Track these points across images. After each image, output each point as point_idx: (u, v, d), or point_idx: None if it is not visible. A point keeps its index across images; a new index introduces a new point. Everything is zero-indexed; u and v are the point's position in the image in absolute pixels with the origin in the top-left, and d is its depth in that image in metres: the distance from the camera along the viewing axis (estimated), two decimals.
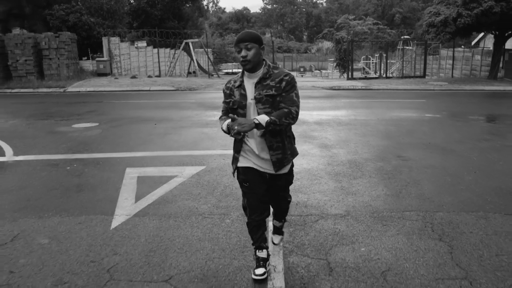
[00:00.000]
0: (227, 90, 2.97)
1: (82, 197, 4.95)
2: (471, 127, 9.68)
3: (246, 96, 2.88)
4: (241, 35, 2.81)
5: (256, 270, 3.04)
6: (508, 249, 3.49)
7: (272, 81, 2.83)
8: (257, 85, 2.85)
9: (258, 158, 2.94)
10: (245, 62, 2.78)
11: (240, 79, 2.93)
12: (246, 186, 3.01)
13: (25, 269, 3.25)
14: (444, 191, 5.05)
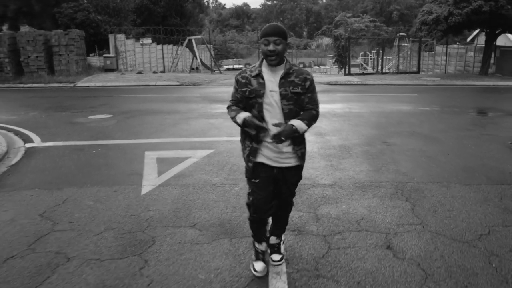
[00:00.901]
0: (243, 79, 2.91)
1: (112, 173, 5.88)
2: (456, 119, 10.58)
3: (265, 85, 2.85)
4: (270, 29, 2.78)
5: (256, 264, 3.17)
6: (459, 207, 4.44)
7: (296, 78, 2.86)
8: (282, 80, 2.85)
9: (276, 152, 2.92)
10: (273, 56, 2.78)
11: (259, 69, 2.90)
12: (256, 182, 3.00)
13: (80, 220, 4.19)
14: (418, 168, 5.99)
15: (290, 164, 2.96)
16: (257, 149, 2.94)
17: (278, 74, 2.86)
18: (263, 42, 2.78)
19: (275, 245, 3.29)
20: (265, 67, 2.90)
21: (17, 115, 11.38)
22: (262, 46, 2.80)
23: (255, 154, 2.95)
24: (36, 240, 3.73)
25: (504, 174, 5.71)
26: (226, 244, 3.59)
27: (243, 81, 2.92)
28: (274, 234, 3.29)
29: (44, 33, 20.79)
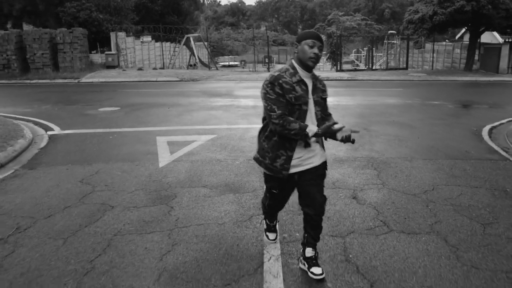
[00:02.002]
0: (287, 85, 2.81)
1: (131, 152, 6.95)
2: (434, 110, 11.69)
3: (308, 92, 2.86)
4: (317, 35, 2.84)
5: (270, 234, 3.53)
6: (415, 174, 5.56)
7: (320, 85, 2.98)
8: (314, 86, 2.91)
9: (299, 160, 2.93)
10: (315, 59, 2.80)
11: (298, 75, 2.86)
12: (275, 193, 3.10)
13: (114, 184, 5.27)
14: (389, 147, 7.11)
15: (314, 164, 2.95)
16: (291, 157, 2.89)
17: (310, 81, 2.89)
18: (307, 43, 2.77)
19: (313, 258, 3.05)
20: (301, 73, 2.88)
21: (32, 108, 12.36)
22: (305, 47, 2.78)
23: (289, 162, 2.89)
24: (83, 197, 4.81)
25: (460, 152, 6.85)
26: (232, 197, 4.71)
27: (287, 87, 2.80)
28: (310, 245, 3.07)
29: (49, 31, 21.78)
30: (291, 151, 2.88)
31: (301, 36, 2.84)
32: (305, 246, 3.09)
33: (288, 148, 2.88)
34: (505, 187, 5.03)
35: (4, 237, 3.74)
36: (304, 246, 3.10)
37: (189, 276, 3.04)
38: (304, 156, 2.91)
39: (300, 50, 2.81)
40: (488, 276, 3.00)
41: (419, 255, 3.31)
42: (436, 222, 3.96)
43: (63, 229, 3.90)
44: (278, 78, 2.80)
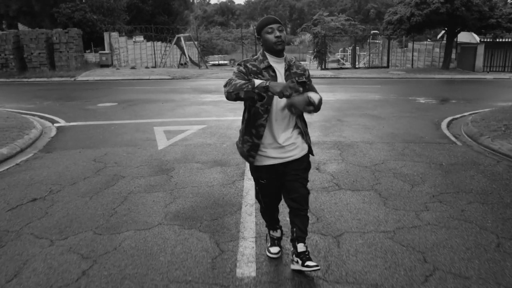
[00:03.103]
0: (253, 67, 2.84)
1: (133, 139, 8.04)
2: (406, 105, 12.87)
3: (276, 78, 2.84)
4: (270, 18, 2.82)
5: (271, 248, 3.34)
6: (372, 153, 6.72)
7: (297, 69, 2.94)
8: (286, 72, 2.88)
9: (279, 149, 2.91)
10: (280, 42, 2.77)
11: (266, 61, 2.86)
12: (263, 183, 3.06)
13: (122, 162, 6.37)
14: (356, 134, 8.28)
15: (294, 157, 2.94)
16: (258, 144, 2.89)
17: (282, 66, 2.88)
18: (266, 31, 2.77)
19: (305, 253, 3.03)
20: (271, 59, 2.88)
21: (34, 104, 13.34)
22: (266, 36, 2.78)
23: (256, 150, 2.90)
24: (97, 170, 5.91)
25: (416, 137, 8.03)
26: (219, 169, 5.84)
27: (253, 69, 2.83)
28: (300, 240, 3.05)
29: (46, 31, 22.71)
30: (257, 138, 2.87)
31: (258, 27, 2.84)
32: (296, 242, 3.05)
33: (254, 135, 2.88)
34: (441, 162, 6.22)
35: (42, 196, 4.84)
36: (295, 242, 3.06)
37: (187, 215, 4.17)
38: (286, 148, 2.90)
39: (263, 41, 2.82)
40: (402, 213, 4.17)
41: (356, 202, 4.48)
42: (376, 183, 5.13)
43: (87, 191, 5.00)
44: (245, 61, 2.89)
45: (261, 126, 2.86)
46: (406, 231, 3.75)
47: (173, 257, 3.31)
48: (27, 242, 3.63)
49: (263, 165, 2.96)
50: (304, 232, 3.05)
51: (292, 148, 2.93)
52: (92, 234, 3.77)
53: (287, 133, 2.92)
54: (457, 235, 3.67)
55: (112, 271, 3.11)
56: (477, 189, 4.95)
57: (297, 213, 3.02)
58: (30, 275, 3.09)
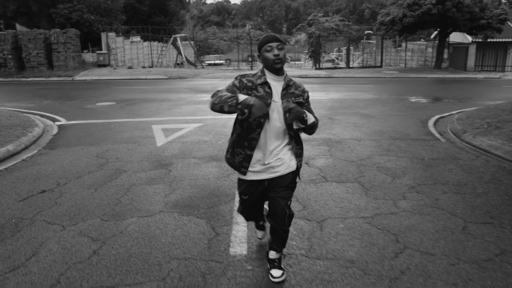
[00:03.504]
0: (249, 83, 2.86)
1: (132, 136, 8.42)
2: (396, 104, 13.29)
3: (271, 94, 2.83)
4: (270, 37, 2.82)
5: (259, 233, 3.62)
6: (359, 149, 7.12)
7: (296, 90, 2.93)
8: (284, 91, 2.87)
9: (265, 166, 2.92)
10: (278, 60, 2.78)
11: (264, 77, 2.86)
12: (245, 198, 3.08)
13: (123, 158, 6.74)
14: (345, 132, 8.68)
15: (279, 174, 2.93)
16: (251, 156, 2.91)
17: (280, 85, 2.87)
18: (265, 49, 2.79)
19: (275, 260, 3.11)
20: (269, 77, 2.88)
21: (34, 103, 13.67)
22: (265, 54, 2.80)
23: (248, 161, 2.92)
24: (100, 165, 6.29)
25: (402, 134, 8.45)
26: (214, 163, 6.24)
27: (249, 84, 2.85)
28: (274, 249, 3.11)
29: (44, 31, 23.04)
30: (250, 150, 2.89)
31: (259, 45, 2.84)
32: (269, 249, 3.15)
33: (247, 147, 2.90)
34: (424, 157, 6.64)
35: (51, 188, 5.22)
36: (268, 248, 3.17)
37: (185, 204, 4.56)
38: (272, 164, 2.90)
39: (263, 59, 2.83)
40: (381, 202, 4.57)
41: (340, 193, 4.88)
42: (360, 176, 5.54)
43: (92, 183, 5.39)
44: (243, 76, 2.91)
45: (254, 140, 2.88)
46: (383, 217, 4.16)
47: (174, 239, 3.71)
48: (41, 228, 4.01)
49: (248, 180, 2.96)
50: (278, 246, 3.09)
51: (278, 164, 2.91)
52: (100, 220, 4.16)
53: (277, 149, 2.90)
54: (428, 220, 4.08)
55: (119, 251, 3.50)
56: (453, 181, 5.37)
57: (275, 231, 3.04)
58: (46, 254, 3.48)
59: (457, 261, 3.27)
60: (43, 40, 22.65)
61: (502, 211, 4.31)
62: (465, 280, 3.01)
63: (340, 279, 3.03)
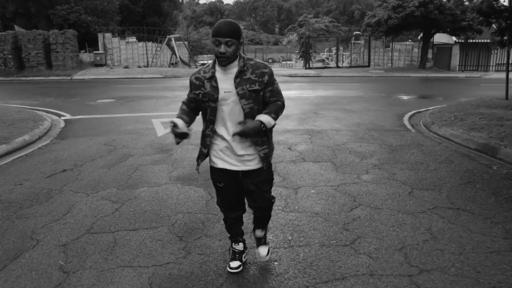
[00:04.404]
0: (197, 81, 2.82)
1: (134, 128, 9.33)
2: (379, 100, 14.28)
3: (217, 88, 2.75)
4: (221, 28, 2.59)
5: (231, 263, 3.19)
6: (336, 137, 8.10)
7: (252, 74, 2.75)
8: (237, 79, 2.73)
9: (235, 157, 2.87)
10: (223, 58, 2.64)
11: (212, 70, 2.78)
12: (221, 186, 3.01)
13: (128, 145, 7.64)
14: (326, 124, 9.65)
15: (250, 167, 2.88)
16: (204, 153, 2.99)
17: (232, 73, 2.75)
18: (213, 41, 2.63)
19: (261, 238, 3.24)
20: (219, 67, 2.78)
21: (37, 101, 14.49)
22: (213, 46, 2.66)
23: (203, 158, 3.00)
24: (110, 151, 7.20)
25: (378, 126, 9.43)
26: None
27: (197, 82, 2.82)
28: (258, 227, 3.21)
29: (43, 32, 23.86)
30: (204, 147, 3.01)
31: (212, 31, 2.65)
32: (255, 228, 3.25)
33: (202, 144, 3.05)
34: (392, 144, 7.62)
35: (70, 168, 6.13)
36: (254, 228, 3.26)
37: (186, 178, 5.50)
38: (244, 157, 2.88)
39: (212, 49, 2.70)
40: (347, 175, 5.54)
41: (315, 169, 5.85)
42: (334, 157, 6.52)
43: (105, 165, 6.31)
44: (193, 74, 2.89)
45: (208, 137, 2.96)
46: (347, 185, 5.13)
47: (178, 200, 4.65)
48: (69, 195, 4.94)
49: (218, 168, 2.94)
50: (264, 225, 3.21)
51: (250, 158, 2.88)
52: (116, 189, 5.09)
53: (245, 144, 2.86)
54: (382, 187, 5.06)
55: (136, 208, 4.44)
56: (411, 161, 6.36)
57: (260, 218, 3.15)
58: (78, 211, 4.41)
59: (397, 212, 4.25)
60: (42, 41, 23.47)
61: (444, 182, 5.30)
62: (400, 224, 3.98)
63: (306, 224, 4.00)
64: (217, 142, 2.95)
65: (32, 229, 3.98)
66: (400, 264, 3.23)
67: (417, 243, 3.56)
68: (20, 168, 6.24)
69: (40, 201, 4.75)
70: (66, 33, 23.96)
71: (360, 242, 3.59)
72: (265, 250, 3.24)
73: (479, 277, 3.03)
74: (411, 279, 3.02)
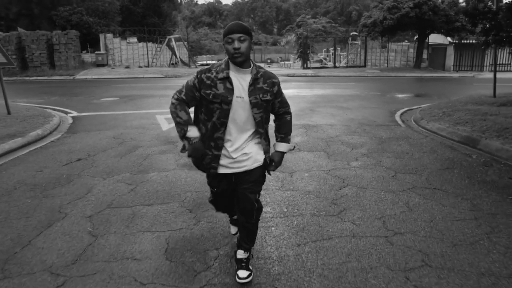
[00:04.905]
0: (208, 80, 2.73)
1: (140, 124, 9.86)
2: (373, 98, 14.83)
3: (233, 91, 2.71)
4: (233, 26, 2.64)
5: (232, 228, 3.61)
6: (330, 131, 8.66)
7: (264, 84, 2.78)
8: (251, 87, 2.74)
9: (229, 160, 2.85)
10: (238, 54, 2.63)
11: (226, 71, 2.72)
12: (214, 191, 3.07)
13: (136, 138, 8.20)
14: (322, 119, 10.21)
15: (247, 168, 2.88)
16: (218, 156, 2.85)
17: (246, 79, 2.74)
18: (226, 41, 2.64)
19: (243, 260, 3.06)
20: (233, 69, 2.74)
21: (43, 99, 15.00)
22: (226, 46, 2.66)
23: (217, 161, 2.86)
24: (119, 143, 7.75)
25: (371, 121, 9.99)
26: None
27: (207, 82, 2.74)
28: (242, 248, 3.09)
29: (46, 33, 24.42)
30: (217, 150, 2.83)
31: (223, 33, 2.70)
32: (237, 248, 3.14)
33: (213, 147, 2.84)
34: (382, 137, 8.18)
35: (85, 157, 6.68)
36: (236, 247, 3.16)
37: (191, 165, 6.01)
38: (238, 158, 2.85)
39: (225, 50, 2.71)
40: (338, 162, 6.10)
41: (309, 157, 6.41)
42: (327, 147, 7.08)
43: (116, 154, 6.86)
44: (203, 72, 2.79)
45: (220, 139, 2.82)
46: (337, 170, 5.70)
47: (186, 182, 5.21)
48: (87, 179, 5.49)
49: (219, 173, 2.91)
50: (246, 243, 3.08)
51: (244, 158, 2.86)
52: (130, 174, 5.65)
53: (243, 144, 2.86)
54: (369, 172, 5.62)
55: (149, 189, 5.00)
56: (398, 151, 6.92)
57: (243, 225, 3.03)
58: (97, 192, 4.96)
59: (380, 191, 4.82)
60: (45, 41, 24.03)
61: (426, 167, 5.87)
62: (381, 199, 4.55)
63: (300, 200, 4.57)
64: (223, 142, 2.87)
65: (59, 205, 4.54)
66: (378, 228, 3.79)
67: (395, 214, 4.13)
68: (37, 158, 6.79)
69: (61, 184, 5.30)
70: (69, 34, 24.52)
71: (345, 213, 4.16)
72: (246, 273, 3.00)
73: (443, 238, 3.60)
74: (387, 239, 3.59)
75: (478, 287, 2.87)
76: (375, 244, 3.49)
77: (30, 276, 3.09)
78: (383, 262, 3.20)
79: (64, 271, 3.14)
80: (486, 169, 5.79)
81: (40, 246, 3.56)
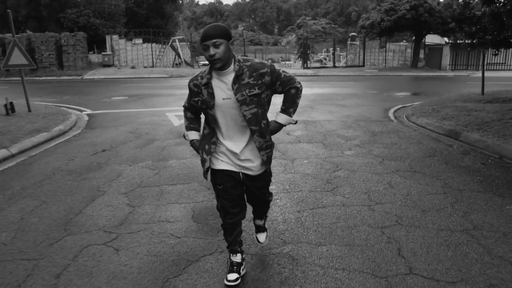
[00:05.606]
0: (195, 88, 2.79)
1: (152, 120, 10.69)
2: (370, 97, 15.63)
3: (214, 95, 2.73)
4: (207, 31, 2.57)
5: (229, 275, 3.07)
6: (328, 126, 9.49)
7: (250, 78, 2.70)
8: (235, 85, 2.69)
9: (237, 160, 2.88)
10: (214, 61, 2.60)
11: (208, 76, 2.74)
12: (220, 188, 2.96)
13: (151, 133, 9.02)
14: (321, 116, 11.04)
15: (252, 173, 2.92)
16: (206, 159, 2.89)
17: (229, 79, 2.71)
18: (202, 48, 2.60)
19: (260, 226, 3.45)
20: (215, 73, 2.74)
21: (56, 98, 15.79)
22: (203, 52, 2.62)
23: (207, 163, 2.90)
24: (136, 137, 8.58)
25: (365, 117, 10.82)
26: None
27: (195, 89, 2.80)
28: (257, 217, 3.41)
29: (55, 35, 25.29)
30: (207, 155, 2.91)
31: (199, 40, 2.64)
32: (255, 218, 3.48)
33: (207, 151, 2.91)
34: (374, 131, 9.00)
35: (108, 149, 7.52)
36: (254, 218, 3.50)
37: None
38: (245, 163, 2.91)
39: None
40: (334, 151, 6.94)
41: (308, 147, 7.25)
42: (324, 139, 7.92)
43: (136, 146, 7.70)
44: (191, 80, 2.84)
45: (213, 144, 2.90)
46: (332, 157, 6.54)
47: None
48: (115, 166, 6.33)
49: (218, 169, 2.91)
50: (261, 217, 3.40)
51: (249, 164, 2.90)
52: (151, 162, 6.49)
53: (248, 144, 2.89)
54: (360, 158, 6.46)
55: (171, 173, 5.84)
56: (387, 142, 7.76)
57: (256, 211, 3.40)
58: (127, 175, 5.80)
59: (368, 173, 5.66)
60: (54, 43, 24.90)
61: (409, 155, 6.71)
62: (368, 179, 5.39)
63: (299, 180, 5.42)
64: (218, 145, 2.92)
65: (97, 185, 5.38)
66: (363, 200, 4.64)
67: (378, 190, 4.98)
68: (66, 149, 7.63)
69: (94, 169, 6.15)
70: (76, 35, 25.40)
71: (337, 189, 5.01)
72: (263, 236, 3.47)
73: (415, 206, 4.45)
74: (370, 207, 4.44)
75: (436, 237, 3.72)
76: (360, 211, 4.33)
77: (88, 233, 3.94)
78: (365, 222, 4.04)
79: (115, 229, 4.00)
80: (463, 157, 6.62)
81: (90, 214, 4.41)
